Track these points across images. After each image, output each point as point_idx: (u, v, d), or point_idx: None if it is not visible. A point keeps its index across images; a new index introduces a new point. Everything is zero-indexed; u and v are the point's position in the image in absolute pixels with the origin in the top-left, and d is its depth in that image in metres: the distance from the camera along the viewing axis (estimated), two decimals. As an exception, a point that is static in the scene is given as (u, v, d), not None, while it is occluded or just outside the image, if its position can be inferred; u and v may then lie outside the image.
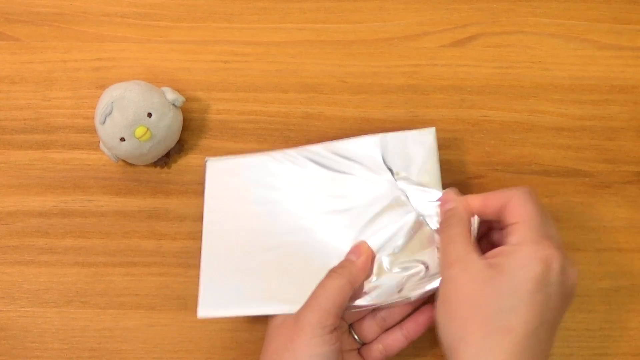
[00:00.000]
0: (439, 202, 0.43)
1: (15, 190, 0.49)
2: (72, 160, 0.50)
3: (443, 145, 0.50)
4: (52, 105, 0.51)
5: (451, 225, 0.40)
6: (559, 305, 0.37)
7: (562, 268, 0.37)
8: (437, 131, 0.49)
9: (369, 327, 0.44)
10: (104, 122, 0.45)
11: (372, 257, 0.43)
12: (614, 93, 0.51)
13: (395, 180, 0.45)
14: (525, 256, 0.36)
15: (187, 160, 0.50)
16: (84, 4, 0.53)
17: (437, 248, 0.42)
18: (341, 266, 0.42)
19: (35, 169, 0.50)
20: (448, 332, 0.38)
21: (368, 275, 0.43)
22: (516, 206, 0.39)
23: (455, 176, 0.49)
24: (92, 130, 0.48)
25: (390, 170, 0.45)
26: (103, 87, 0.48)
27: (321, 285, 0.41)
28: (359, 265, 0.42)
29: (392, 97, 0.51)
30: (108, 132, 0.45)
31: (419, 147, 0.45)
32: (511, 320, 0.35)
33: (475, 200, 0.41)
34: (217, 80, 0.52)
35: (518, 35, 0.53)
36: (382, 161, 0.45)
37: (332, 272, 0.42)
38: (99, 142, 0.47)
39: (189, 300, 0.47)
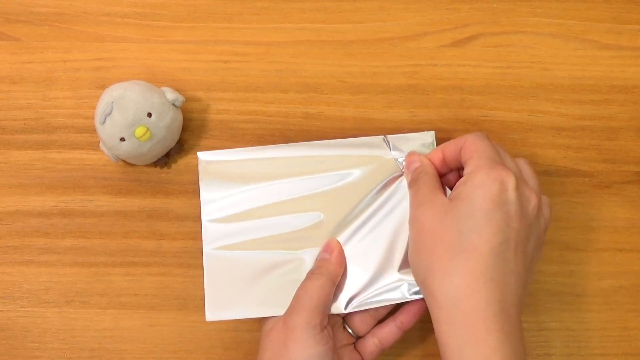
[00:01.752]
0: (404, 165, 0.44)
1: (15, 190, 0.49)
2: (72, 160, 0.50)
3: (443, 145, 0.50)
4: (52, 105, 0.51)
5: (419, 179, 0.42)
6: (521, 226, 0.38)
7: (517, 188, 0.38)
8: (437, 131, 0.49)
9: (362, 320, 0.44)
10: (104, 122, 0.45)
11: (342, 251, 0.44)
12: (614, 93, 0.51)
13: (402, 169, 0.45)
14: (479, 179, 0.38)
15: (187, 160, 0.50)
16: (84, 4, 0.53)
17: None
18: (318, 266, 0.43)
19: (35, 169, 0.50)
20: (418, 268, 0.39)
21: (345, 268, 0.43)
22: (469, 144, 0.41)
23: (455, 176, 0.49)
24: (92, 130, 0.48)
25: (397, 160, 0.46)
26: (103, 87, 0.48)
27: (302, 287, 0.42)
28: (333, 261, 0.43)
29: (392, 97, 0.51)
30: (108, 132, 0.45)
31: (418, 149, 0.45)
32: (473, 240, 0.37)
33: (435, 153, 0.43)
34: (217, 80, 0.52)
35: (518, 35, 0.53)
36: (388, 149, 0.46)
37: (310, 273, 0.42)
38: (99, 142, 0.47)
39: (189, 300, 0.47)
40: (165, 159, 0.49)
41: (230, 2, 0.53)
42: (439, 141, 0.45)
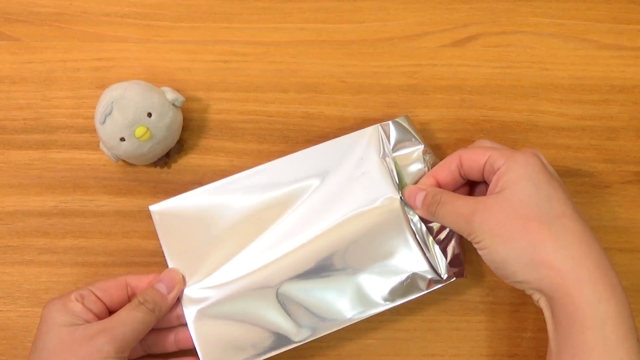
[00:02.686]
0: (402, 202, 0.45)
1: (15, 190, 0.49)
2: (72, 160, 0.50)
3: (443, 145, 0.50)
4: (52, 105, 0.51)
5: (441, 201, 0.42)
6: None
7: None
8: (437, 131, 0.49)
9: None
10: (104, 122, 0.45)
11: (182, 289, 0.43)
12: (614, 93, 0.51)
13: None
14: (520, 161, 0.39)
15: (187, 160, 0.50)
16: (84, 4, 0.53)
17: None
18: (152, 299, 0.41)
19: (35, 169, 0.50)
20: (519, 252, 0.38)
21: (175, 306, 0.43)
22: (471, 155, 0.42)
23: (455, 176, 0.49)
24: (92, 130, 0.48)
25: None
26: (103, 87, 0.48)
27: (127, 314, 0.40)
28: (169, 301, 0.42)
29: (392, 97, 0.51)
30: (108, 132, 0.45)
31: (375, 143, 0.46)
32: (556, 208, 0.38)
33: (427, 179, 0.44)
34: (217, 80, 0.52)
35: (518, 35, 0.53)
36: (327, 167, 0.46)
37: (141, 304, 0.41)
38: (99, 142, 0.47)
39: (189, 300, 0.47)
40: (165, 159, 0.49)
41: (230, 2, 0.53)
42: (441, 140, 0.45)
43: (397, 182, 0.46)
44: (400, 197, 0.45)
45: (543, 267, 0.37)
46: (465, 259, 0.45)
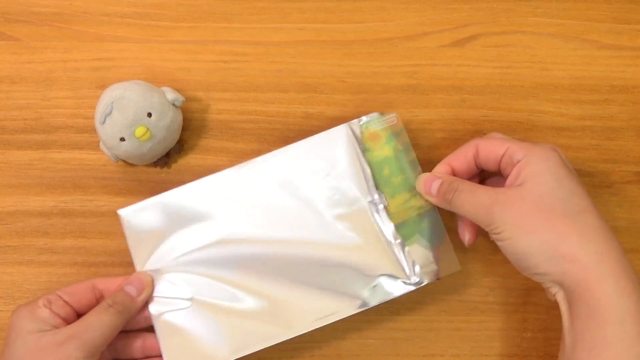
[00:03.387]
0: (418, 189, 0.44)
1: (15, 190, 0.49)
2: (72, 160, 0.50)
3: (443, 145, 0.50)
4: (52, 105, 0.51)
5: (458, 189, 0.42)
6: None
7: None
8: (437, 131, 0.49)
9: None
10: (104, 122, 0.45)
11: (151, 292, 0.43)
12: (614, 93, 0.51)
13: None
14: (540, 155, 0.40)
15: (187, 160, 0.50)
16: (84, 4, 0.53)
17: None
18: (121, 301, 0.41)
19: (35, 169, 0.50)
20: (542, 244, 0.38)
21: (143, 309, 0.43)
22: (489, 145, 0.42)
23: (455, 176, 0.49)
24: (92, 130, 0.48)
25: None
26: (103, 87, 0.48)
27: (95, 318, 0.40)
28: (138, 303, 0.42)
29: (392, 97, 0.51)
30: (108, 132, 0.45)
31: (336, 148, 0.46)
32: (578, 203, 0.38)
33: (442, 167, 0.44)
34: (217, 80, 0.52)
35: (518, 35, 0.53)
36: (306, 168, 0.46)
37: (110, 307, 0.40)
38: (99, 142, 0.47)
39: (189, 300, 0.47)
40: (165, 159, 0.49)
41: (230, 2, 0.53)
42: (440, 141, 0.45)
43: (371, 180, 0.45)
44: (371, 200, 0.45)
45: (566, 260, 0.37)
46: (439, 259, 0.45)
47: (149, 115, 0.45)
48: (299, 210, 0.45)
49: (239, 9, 0.53)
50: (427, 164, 0.46)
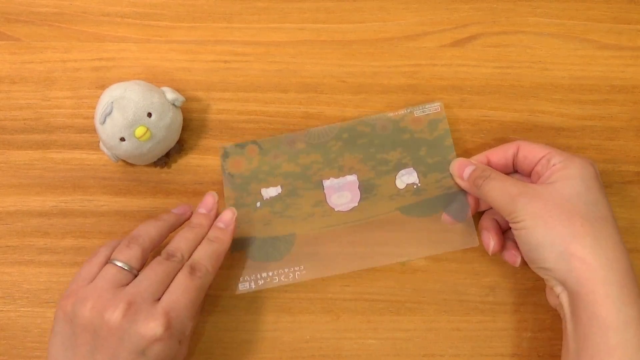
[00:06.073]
0: (451, 171, 0.47)
1: (15, 190, 0.50)
2: (72, 160, 0.50)
3: (443, 145, 0.50)
4: (52, 105, 0.51)
5: (490, 177, 0.43)
6: None
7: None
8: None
9: None
10: (104, 122, 0.45)
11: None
12: (614, 93, 0.51)
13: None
14: (579, 163, 0.41)
15: (187, 160, 0.50)
16: (84, 4, 0.53)
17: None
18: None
19: (35, 169, 0.50)
20: (556, 239, 0.39)
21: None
22: (531, 147, 0.44)
23: (455, 176, 0.49)
24: (92, 130, 0.48)
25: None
26: (103, 87, 0.48)
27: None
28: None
29: (392, 97, 0.51)
30: (108, 132, 0.45)
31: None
32: (601, 210, 0.40)
33: (480, 158, 0.46)
34: (217, 80, 0.52)
35: (518, 35, 0.53)
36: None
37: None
38: (99, 142, 0.47)
39: (189, 300, 0.47)
40: (165, 159, 0.49)
41: (230, 2, 0.53)
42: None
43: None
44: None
45: (576, 259, 0.38)
46: (459, 232, 0.47)
47: (149, 115, 0.45)
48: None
49: (239, 9, 0.53)
50: (427, 164, 0.46)
